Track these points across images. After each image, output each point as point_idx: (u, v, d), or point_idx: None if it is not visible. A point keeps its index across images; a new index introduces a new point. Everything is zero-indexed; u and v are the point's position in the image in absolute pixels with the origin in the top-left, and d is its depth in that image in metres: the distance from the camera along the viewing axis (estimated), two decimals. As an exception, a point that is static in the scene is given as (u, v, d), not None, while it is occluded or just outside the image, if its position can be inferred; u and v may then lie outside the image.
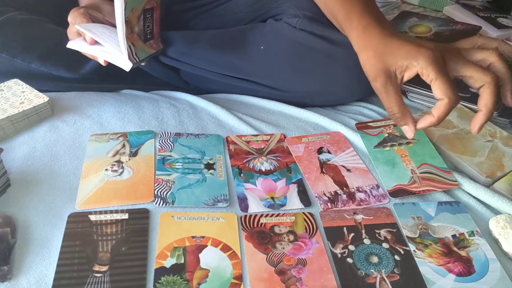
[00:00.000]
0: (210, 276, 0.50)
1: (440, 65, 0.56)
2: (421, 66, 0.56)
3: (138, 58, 0.69)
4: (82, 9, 0.68)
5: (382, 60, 0.58)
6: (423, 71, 0.56)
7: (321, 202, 0.60)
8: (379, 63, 0.58)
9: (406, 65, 0.57)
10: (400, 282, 0.51)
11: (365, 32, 0.61)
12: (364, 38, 0.61)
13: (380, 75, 0.58)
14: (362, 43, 0.61)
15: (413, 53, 0.56)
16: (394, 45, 0.58)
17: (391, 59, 0.57)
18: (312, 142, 0.71)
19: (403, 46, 0.57)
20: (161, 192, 0.60)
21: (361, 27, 0.61)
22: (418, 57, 0.56)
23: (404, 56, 0.57)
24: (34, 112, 0.70)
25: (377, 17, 0.62)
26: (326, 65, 0.76)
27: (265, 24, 0.81)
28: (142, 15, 0.68)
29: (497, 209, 0.61)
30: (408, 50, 0.57)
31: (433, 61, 0.55)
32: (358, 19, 0.62)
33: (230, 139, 0.71)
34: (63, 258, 0.51)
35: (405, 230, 0.57)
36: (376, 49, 0.58)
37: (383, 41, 0.59)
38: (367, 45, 0.60)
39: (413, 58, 0.56)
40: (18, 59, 0.76)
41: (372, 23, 0.61)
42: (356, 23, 0.62)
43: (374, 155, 0.69)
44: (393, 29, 0.62)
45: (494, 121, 0.78)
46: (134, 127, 0.72)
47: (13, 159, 0.64)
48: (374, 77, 0.58)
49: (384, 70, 0.58)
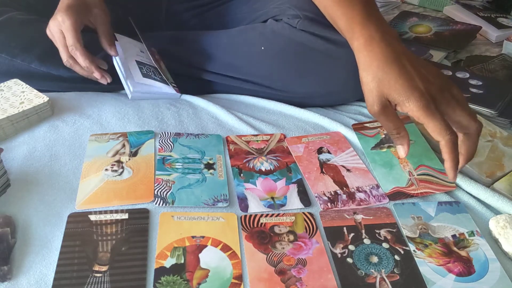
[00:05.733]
0: (210, 276, 0.50)
1: (431, 109, 0.55)
2: (411, 109, 0.56)
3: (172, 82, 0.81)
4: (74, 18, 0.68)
5: (379, 88, 0.57)
6: (414, 114, 0.56)
7: (321, 202, 0.60)
8: (376, 90, 0.58)
9: (399, 101, 0.57)
10: (400, 282, 0.51)
11: (367, 48, 0.59)
12: (365, 55, 0.59)
13: (377, 102, 0.58)
14: (362, 61, 0.60)
15: (406, 92, 0.56)
16: (392, 74, 0.57)
17: (387, 89, 0.57)
18: (312, 142, 0.71)
19: (399, 78, 0.56)
20: (161, 192, 0.60)
21: (362, 40, 0.60)
22: (410, 99, 0.56)
23: (397, 92, 0.56)
24: (34, 112, 0.70)
25: (379, 27, 0.61)
26: (327, 65, 0.76)
27: (265, 25, 0.81)
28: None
29: (497, 209, 0.61)
30: (402, 85, 0.56)
31: (423, 106, 0.55)
32: (360, 29, 0.61)
33: (230, 139, 0.71)
34: (63, 258, 0.51)
35: (405, 230, 0.57)
36: (375, 74, 0.58)
37: (383, 65, 0.58)
38: (367, 66, 0.59)
39: (405, 98, 0.56)
40: (18, 59, 0.76)
41: (374, 37, 0.59)
42: (358, 34, 0.61)
43: (372, 157, 0.69)
44: (395, 42, 0.60)
45: (494, 121, 0.78)
46: (134, 127, 0.72)
47: (13, 159, 0.64)
48: (371, 103, 0.58)
49: (380, 98, 0.58)
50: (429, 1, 1.33)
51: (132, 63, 0.78)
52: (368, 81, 0.58)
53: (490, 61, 1.01)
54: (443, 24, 1.18)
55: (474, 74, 0.91)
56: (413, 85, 0.56)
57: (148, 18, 0.91)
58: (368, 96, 0.59)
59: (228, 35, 0.83)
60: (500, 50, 1.08)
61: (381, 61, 0.58)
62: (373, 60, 0.58)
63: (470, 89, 0.85)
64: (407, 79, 0.57)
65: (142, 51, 0.83)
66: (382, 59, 0.58)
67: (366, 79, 0.59)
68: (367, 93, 0.59)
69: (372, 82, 0.58)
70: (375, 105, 0.58)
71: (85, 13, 0.71)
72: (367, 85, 0.59)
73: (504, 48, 1.07)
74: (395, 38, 0.61)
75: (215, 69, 0.81)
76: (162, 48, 0.84)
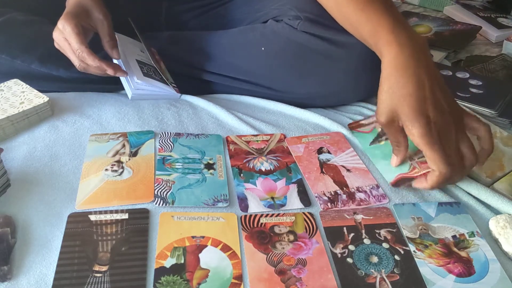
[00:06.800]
0: (210, 276, 0.50)
1: (433, 137, 0.55)
2: (413, 133, 0.56)
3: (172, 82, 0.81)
4: (73, 22, 0.68)
5: (391, 101, 0.58)
6: (414, 139, 0.56)
7: (321, 202, 0.60)
8: (387, 103, 0.58)
9: (404, 122, 0.57)
10: (400, 282, 0.51)
11: (393, 55, 0.59)
12: (392, 64, 0.59)
13: (385, 115, 0.58)
14: (387, 70, 0.59)
15: (411, 117, 0.56)
16: (406, 91, 0.57)
17: (396, 105, 0.57)
18: (312, 142, 0.71)
19: (411, 98, 0.56)
20: (161, 192, 0.60)
21: (389, 47, 0.59)
22: (414, 124, 0.56)
23: (405, 114, 0.57)
24: (34, 112, 0.70)
25: (409, 34, 0.60)
26: (327, 66, 0.76)
27: (265, 25, 0.80)
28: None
29: (497, 209, 0.61)
30: (410, 107, 0.56)
31: (424, 135, 0.55)
32: (387, 36, 0.60)
33: (230, 139, 0.71)
34: (63, 258, 0.51)
35: (405, 231, 0.57)
36: (391, 85, 0.58)
37: (401, 78, 0.57)
38: (389, 74, 0.59)
39: (409, 122, 0.56)
40: (18, 60, 0.76)
41: (403, 45, 0.59)
42: (384, 41, 0.60)
43: (372, 152, 0.69)
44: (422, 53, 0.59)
45: (494, 121, 0.78)
46: (134, 127, 0.72)
47: (13, 159, 0.64)
48: (380, 113, 0.59)
49: (388, 112, 0.58)
50: (429, 1, 1.33)
51: (133, 62, 0.78)
52: (383, 89, 0.59)
53: (490, 61, 1.01)
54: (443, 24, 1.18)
55: (474, 74, 0.91)
56: (421, 109, 0.56)
57: (148, 18, 0.91)
58: (379, 104, 0.59)
59: (228, 35, 0.83)
60: (500, 50, 1.08)
61: (399, 72, 0.58)
62: (394, 70, 0.58)
63: (470, 89, 0.85)
64: (418, 100, 0.56)
65: (142, 51, 0.83)
66: (401, 71, 0.58)
67: (382, 87, 0.59)
68: (379, 101, 0.60)
69: (386, 93, 0.58)
70: (382, 116, 0.59)
71: (84, 17, 0.71)
72: (381, 93, 0.59)
73: (504, 48, 1.07)
74: (422, 46, 0.60)
75: (215, 70, 0.81)
76: (162, 48, 0.84)
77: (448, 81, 0.87)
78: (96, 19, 0.72)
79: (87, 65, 0.70)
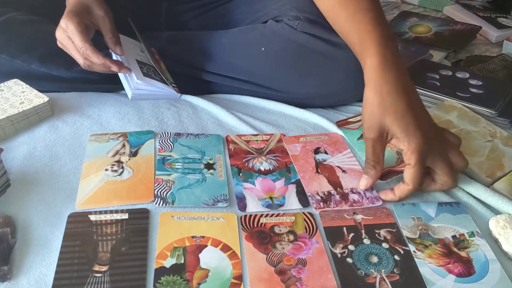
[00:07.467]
0: (210, 276, 0.50)
1: (423, 156, 0.56)
2: (408, 148, 0.56)
3: (172, 82, 0.81)
4: (76, 20, 0.68)
5: (383, 116, 0.57)
6: (407, 153, 0.57)
7: (313, 201, 0.60)
8: (378, 117, 0.57)
9: (398, 137, 0.57)
10: (400, 282, 0.51)
11: (380, 68, 0.59)
12: (378, 74, 0.59)
13: (375, 129, 0.58)
14: (373, 80, 0.59)
15: (409, 132, 0.56)
16: (400, 107, 0.57)
17: (389, 121, 0.57)
18: (309, 142, 0.71)
19: (406, 115, 0.57)
20: (161, 192, 0.60)
21: (376, 59, 0.59)
22: (411, 140, 0.56)
23: (401, 128, 0.56)
24: (34, 112, 0.70)
25: (393, 52, 0.60)
26: (327, 67, 0.76)
27: (265, 25, 0.81)
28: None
29: (497, 209, 0.61)
30: (407, 124, 0.56)
31: (420, 151, 0.56)
32: (374, 47, 0.60)
33: (230, 139, 0.71)
34: (63, 258, 0.51)
35: (405, 231, 0.57)
36: (383, 99, 0.57)
37: (394, 93, 0.57)
38: (378, 86, 0.58)
39: (406, 137, 0.56)
40: (18, 60, 0.76)
41: (389, 59, 0.59)
42: (372, 52, 0.60)
43: (359, 146, 0.69)
44: (406, 73, 0.60)
45: (494, 121, 0.78)
46: (134, 127, 0.72)
47: (13, 159, 0.64)
48: (368, 128, 0.58)
49: (379, 127, 0.58)
50: (429, 1, 1.33)
51: (133, 62, 0.78)
52: (373, 102, 0.58)
53: (490, 61, 1.01)
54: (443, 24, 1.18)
55: (474, 74, 0.91)
56: (417, 125, 0.56)
57: (148, 18, 0.91)
58: (368, 119, 0.58)
59: (228, 35, 0.83)
60: (500, 50, 1.08)
61: (392, 87, 0.58)
62: (384, 83, 0.58)
63: (470, 89, 0.85)
64: (413, 117, 0.57)
65: (142, 51, 0.83)
66: (393, 86, 0.58)
67: (372, 100, 0.58)
68: (368, 114, 0.59)
69: (377, 107, 0.58)
70: (372, 131, 0.58)
71: (85, 15, 0.71)
72: (371, 106, 0.58)
73: (504, 48, 1.07)
74: (405, 68, 0.61)
75: (215, 70, 0.81)
76: (162, 48, 0.84)
77: (448, 81, 0.87)
78: (97, 16, 0.72)
79: (92, 63, 0.70)
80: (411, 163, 0.57)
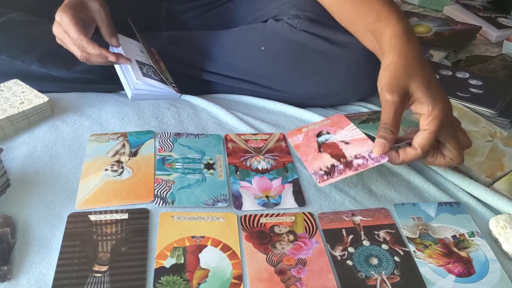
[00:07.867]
0: (210, 276, 0.50)
1: (442, 124, 0.55)
2: (430, 113, 0.54)
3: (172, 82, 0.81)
4: (70, 13, 0.68)
5: (407, 79, 0.55)
6: (428, 118, 0.55)
7: (316, 177, 0.58)
8: (404, 80, 0.55)
9: (423, 101, 0.55)
10: (401, 283, 0.51)
11: (404, 36, 0.58)
12: (402, 41, 0.58)
13: (399, 92, 0.55)
14: (397, 46, 0.58)
15: (435, 98, 0.55)
16: (425, 73, 0.56)
17: (415, 84, 0.55)
18: (312, 129, 0.67)
19: (432, 81, 0.56)
20: (161, 192, 0.60)
21: (401, 26, 0.59)
22: (436, 105, 0.54)
23: (427, 93, 0.55)
24: (34, 112, 0.70)
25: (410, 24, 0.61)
26: (327, 66, 0.75)
27: (265, 25, 0.81)
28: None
29: (497, 209, 0.61)
30: (434, 91, 0.55)
31: (441, 119, 0.54)
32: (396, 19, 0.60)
33: (229, 137, 0.71)
34: (63, 258, 0.51)
35: (405, 231, 0.57)
36: (408, 64, 0.56)
37: (418, 61, 0.57)
38: (403, 52, 0.57)
39: (431, 102, 0.54)
40: (18, 61, 0.76)
41: (411, 30, 0.59)
42: (395, 22, 0.60)
43: (362, 128, 0.66)
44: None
45: (494, 121, 0.78)
46: (134, 127, 0.72)
47: (13, 159, 0.64)
48: (391, 90, 0.55)
49: (404, 89, 0.55)
50: (429, 1, 1.33)
51: (133, 62, 0.78)
52: (398, 65, 0.56)
53: (490, 61, 1.01)
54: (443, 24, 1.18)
55: (474, 74, 0.91)
56: (442, 93, 0.56)
57: (148, 18, 0.91)
58: (390, 82, 0.56)
59: (228, 35, 0.83)
60: (500, 50, 1.08)
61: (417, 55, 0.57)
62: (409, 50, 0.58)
63: (470, 89, 0.85)
64: (438, 86, 0.56)
65: (141, 51, 0.83)
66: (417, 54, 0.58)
67: (397, 63, 0.57)
68: (390, 78, 0.56)
69: (402, 71, 0.56)
70: (396, 93, 0.55)
71: (81, 8, 0.71)
72: (395, 70, 0.56)
73: (504, 48, 1.07)
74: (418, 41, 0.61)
75: (215, 69, 0.81)
76: (162, 48, 0.84)
77: (448, 81, 0.87)
78: (93, 9, 0.72)
79: (89, 55, 0.70)
80: (430, 129, 0.54)
